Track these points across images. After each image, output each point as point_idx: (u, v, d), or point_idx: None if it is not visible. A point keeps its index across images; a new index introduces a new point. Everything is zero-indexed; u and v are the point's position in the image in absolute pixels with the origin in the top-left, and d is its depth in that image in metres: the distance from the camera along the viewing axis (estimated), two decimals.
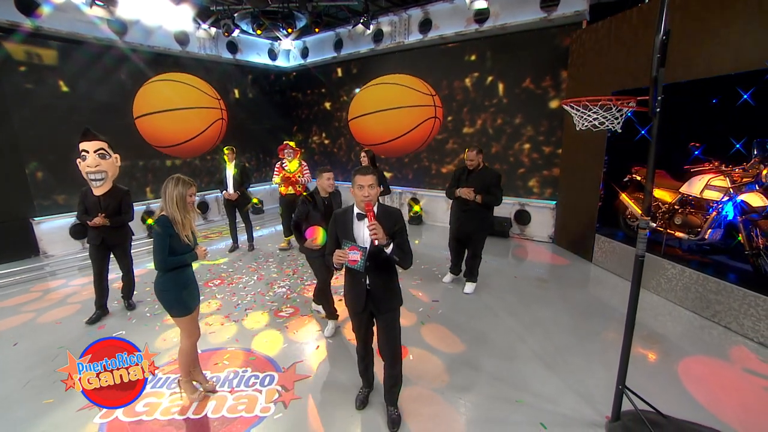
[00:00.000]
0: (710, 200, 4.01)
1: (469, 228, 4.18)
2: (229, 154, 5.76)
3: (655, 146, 2.10)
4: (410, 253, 2.27)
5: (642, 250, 2.18)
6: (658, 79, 1.80)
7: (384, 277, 2.30)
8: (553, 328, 3.68)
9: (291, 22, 6.35)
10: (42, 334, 3.73)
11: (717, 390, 2.79)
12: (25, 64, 5.74)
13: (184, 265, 2.55)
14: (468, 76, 7.00)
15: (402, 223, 2.26)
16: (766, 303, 3.29)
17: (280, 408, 2.66)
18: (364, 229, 2.19)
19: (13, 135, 5.69)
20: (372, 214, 2.10)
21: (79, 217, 3.86)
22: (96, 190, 3.77)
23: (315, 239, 3.34)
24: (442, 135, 7.45)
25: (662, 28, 1.79)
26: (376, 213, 2.17)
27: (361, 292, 2.30)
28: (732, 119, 3.89)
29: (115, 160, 3.86)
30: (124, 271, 4.12)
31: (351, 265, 2.18)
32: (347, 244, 2.18)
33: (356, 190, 2.18)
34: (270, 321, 3.91)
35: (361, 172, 2.18)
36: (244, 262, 5.69)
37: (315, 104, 9.51)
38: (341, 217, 2.31)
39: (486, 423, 2.52)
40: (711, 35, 3.63)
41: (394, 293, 2.37)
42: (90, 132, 3.76)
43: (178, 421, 2.55)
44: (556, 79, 6.15)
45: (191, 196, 2.53)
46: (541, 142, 6.48)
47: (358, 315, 2.40)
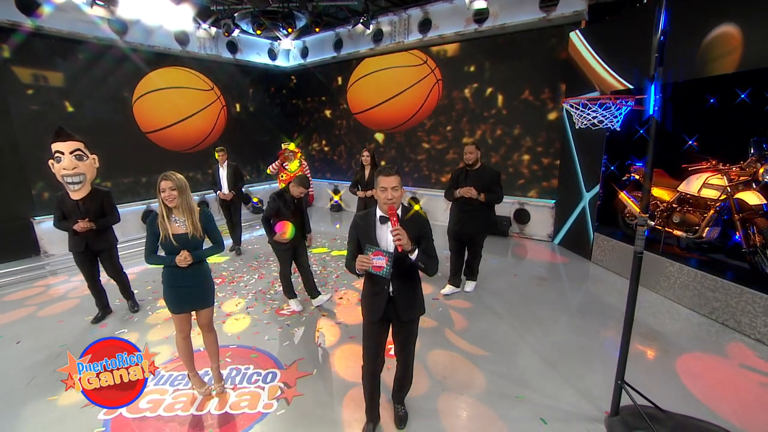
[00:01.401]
0: (708, 198, 4.04)
1: (472, 228, 4.11)
2: (221, 154, 5.68)
3: (654, 145, 2.13)
4: (436, 258, 2.13)
5: (640, 247, 2.21)
6: (657, 78, 1.83)
7: (408, 283, 2.18)
8: (553, 326, 3.71)
9: (291, 21, 6.36)
10: (44, 333, 3.74)
11: (714, 385, 2.83)
12: (26, 64, 5.75)
13: (170, 265, 2.50)
14: (467, 87, 7.07)
15: (428, 228, 2.15)
16: (763, 300, 3.33)
17: (283, 404, 2.69)
18: (387, 234, 2.05)
19: (13, 135, 5.70)
20: (396, 218, 1.96)
21: (58, 224, 3.58)
22: (74, 194, 3.52)
23: (284, 233, 3.63)
24: (442, 146, 7.52)
25: (660, 29, 1.82)
26: (400, 217, 2.04)
27: (382, 299, 2.15)
28: (731, 118, 3.93)
29: (93, 161, 3.66)
30: (113, 276, 3.96)
31: (375, 271, 2.02)
32: (371, 249, 2.02)
33: (379, 192, 2.03)
34: (271, 319, 3.93)
35: (384, 173, 2.02)
36: (244, 260, 5.72)
37: (315, 111, 9.55)
38: (363, 220, 2.16)
39: (487, 418, 2.55)
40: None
41: (417, 301, 2.25)
42: (64, 131, 3.52)
43: (181, 418, 2.58)
44: (555, 92, 6.21)
45: (162, 191, 2.39)
46: (540, 153, 6.54)
47: (374, 323, 2.22)
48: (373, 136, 8.48)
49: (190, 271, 2.52)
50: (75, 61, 6.18)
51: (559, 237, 6.22)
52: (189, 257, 2.47)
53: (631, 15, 4.77)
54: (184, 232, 2.48)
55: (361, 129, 8.71)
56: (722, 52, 3.54)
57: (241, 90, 8.71)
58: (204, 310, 2.67)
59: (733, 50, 3.44)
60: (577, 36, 5.40)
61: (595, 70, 5.08)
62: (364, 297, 2.27)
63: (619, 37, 4.72)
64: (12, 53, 5.60)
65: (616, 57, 4.77)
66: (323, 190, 9.53)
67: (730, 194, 3.85)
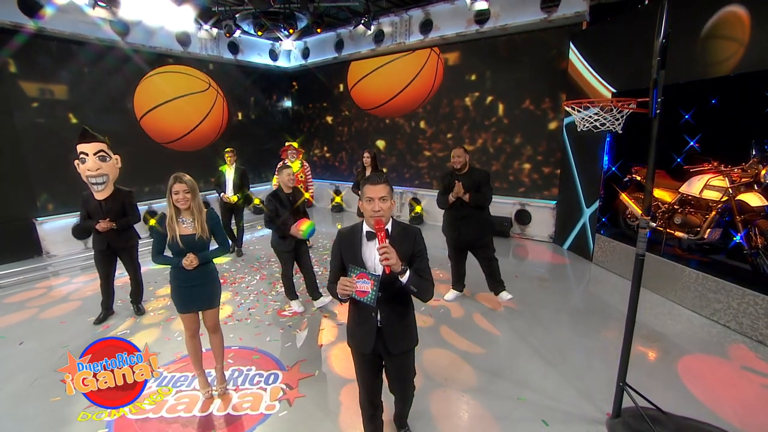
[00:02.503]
0: (709, 200, 4.04)
1: (470, 236, 3.89)
2: (230, 155, 5.68)
3: (655, 147, 2.13)
4: (431, 282, 1.83)
5: (642, 250, 2.21)
6: (659, 81, 1.84)
7: (399, 310, 1.88)
8: (554, 327, 3.71)
9: (292, 22, 6.37)
10: (47, 334, 3.76)
11: (716, 387, 2.83)
12: (28, 66, 5.77)
13: (176, 266, 2.54)
14: (468, 95, 7.11)
15: (422, 245, 1.85)
16: (764, 302, 3.33)
17: (285, 406, 2.70)
18: (375, 252, 1.76)
19: (15, 136, 5.72)
20: (383, 233, 1.70)
21: (83, 223, 3.71)
22: (98, 195, 3.64)
23: (299, 228, 3.69)
24: (444, 153, 7.59)
25: (663, 32, 1.82)
26: (389, 232, 1.79)
27: (369, 330, 1.86)
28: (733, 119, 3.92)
29: (116, 162, 3.75)
30: (131, 276, 4.01)
31: (359, 297, 1.73)
32: (355, 271, 1.74)
33: (365, 204, 1.76)
34: (273, 320, 3.94)
35: (371, 181, 1.76)
36: (246, 261, 5.73)
37: (317, 117, 9.57)
38: (347, 236, 1.88)
39: (489, 420, 2.55)
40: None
41: (409, 331, 1.96)
42: (88, 133, 3.61)
43: (184, 419, 2.59)
44: (555, 102, 6.23)
45: (175, 194, 2.40)
46: (540, 162, 6.56)
47: (364, 357, 1.96)
48: (374, 143, 8.53)
49: (196, 272, 2.55)
50: (78, 63, 6.19)
51: (567, 242, 6.18)
52: (195, 260, 2.49)
53: (631, 18, 4.77)
54: (191, 233, 2.51)
55: (363, 134, 8.76)
56: (722, 56, 3.54)
57: (242, 91, 8.73)
58: (210, 311, 2.69)
59: (734, 53, 3.45)
60: (573, 51, 5.46)
61: (590, 83, 5.14)
62: (350, 328, 2.01)
63: (612, 42, 4.76)
64: (15, 55, 5.61)
65: (607, 65, 4.85)
66: (324, 191, 9.55)
67: (731, 196, 3.85)
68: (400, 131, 8.15)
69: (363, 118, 8.67)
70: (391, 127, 8.26)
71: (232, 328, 3.78)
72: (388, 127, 8.33)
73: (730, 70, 3.56)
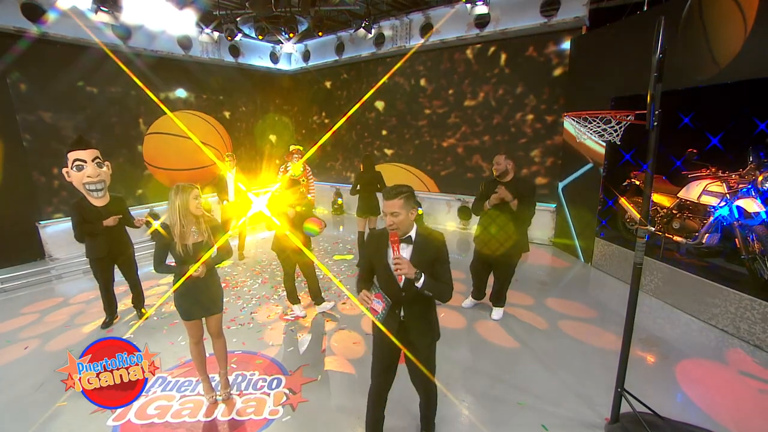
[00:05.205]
0: (708, 205, 4.08)
1: (502, 255, 3.66)
2: (230, 161, 5.72)
3: (654, 157, 2.17)
4: (449, 285, 1.97)
5: (640, 258, 2.25)
6: (655, 96, 1.87)
7: (420, 305, 2.06)
8: (553, 331, 3.75)
9: (293, 26, 6.40)
10: (51, 338, 3.79)
11: (714, 392, 2.87)
12: (31, 69, 5.80)
13: (181, 275, 2.54)
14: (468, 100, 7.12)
15: (444, 252, 1.98)
16: (761, 307, 3.36)
17: (288, 411, 2.73)
18: None
19: (18, 140, 5.75)
20: (397, 245, 1.85)
21: (83, 226, 3.50)
22: (96, 201, 3.59)
23: (314, 226, 3.73)
24: (449, 169, 7.62)
25: (659, 47, 1.86)
26: (414, 240, 1.95)
27: (392, 323, 2.05)
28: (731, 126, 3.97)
29: (108, 168, 3.74)
30: (132, 283, 4.01)
31: (372, 314, 2.00)
32: (375, 289, 2.00)
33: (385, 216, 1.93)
34: (275, 324, 3.98)
35: (384, 196, 1.90)
36: (248, 265, 5.76)
37: (317, 119, 9.60)
38: (376, 238, 2.07)
39: (489, 425, 2.59)
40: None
41: (430, 325, 2.13)
42: (83, 140, 3.57)
43: (189, 424, 2.62)
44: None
45: (195, 199, 2.47)
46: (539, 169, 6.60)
47: (382, 349, 2.12)
48: (373, 151, 8.55)
49: (201, 279, 2.57)
50: (80, 67, 6.22)
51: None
52: (204, 269, 2.53)
53: (630, 23, 4.81)
54: (199, 241, 2.54)
55: (364, 136, 8.78)
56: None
57: (242, 93, 8.76)
58: (213, 317, 2.72)
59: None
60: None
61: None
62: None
63: (611, 48, 4.79)
64: (18, 60, 5.63)
65: (606, 70, 4.88)
66: (325, 194, 9.57)
67: (729, 201, 3.89)
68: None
69: (366, 122, 8.69)
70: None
71: (234, 332, 3.82)
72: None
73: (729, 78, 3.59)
